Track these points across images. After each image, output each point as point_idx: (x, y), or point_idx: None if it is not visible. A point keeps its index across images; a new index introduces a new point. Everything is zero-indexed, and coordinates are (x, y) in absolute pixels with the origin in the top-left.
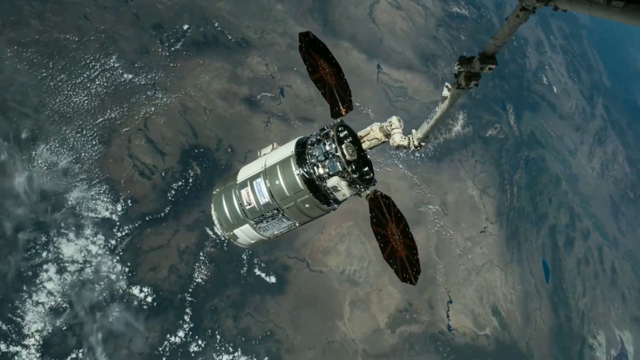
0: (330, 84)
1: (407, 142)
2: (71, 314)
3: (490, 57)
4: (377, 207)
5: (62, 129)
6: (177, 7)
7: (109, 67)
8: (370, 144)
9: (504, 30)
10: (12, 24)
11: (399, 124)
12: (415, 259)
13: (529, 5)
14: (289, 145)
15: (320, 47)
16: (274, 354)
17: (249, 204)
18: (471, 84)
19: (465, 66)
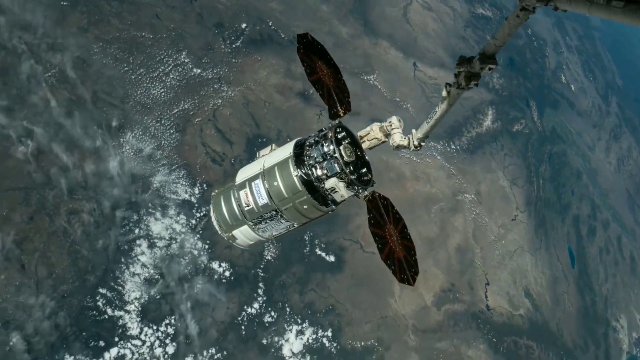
0: (329, 85)
1: (407, 142)
2: (163, 284)
3: (490, 57)
4: (375, 208)
5: (144, 118)
6: (235, 7)
7: (180, 62)
8: (370, 144)
9: (504, 31)
10: (96, 23)
11: (399, 124)
12: (414, 259)
13: (529, 5)
14: (288, 146)
15: (318, 48)
16: (336, 326)
17: (247, 205)
18: (471, 83)
19: (465, 66)
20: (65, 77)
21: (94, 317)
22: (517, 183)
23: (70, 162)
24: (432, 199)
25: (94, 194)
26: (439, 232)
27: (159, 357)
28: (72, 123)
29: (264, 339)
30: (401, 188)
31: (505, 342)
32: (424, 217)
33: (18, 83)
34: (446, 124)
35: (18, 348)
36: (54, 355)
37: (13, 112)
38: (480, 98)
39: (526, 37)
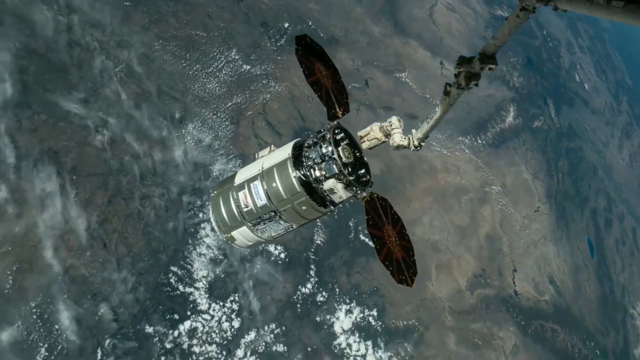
0: (327, 86)
1: (407, 142)
2: (227, 263)
3: (490, 57)
4: (373, 209)
5: (202, 111)
6: (277, 7)
7: (231, 59)
8: (370, 144)
9: (504, 31)
10: (156, 21)
11: (398, 124)
12: (412, 260)
13: (529, 5)
14: (286, 147)
15: (317, 49)
16: (380, 307)
17: (246, 206)
18: (471, 83)
19: (465, 66)
20: (132, 72)
21: (168, 292)
22: (538, 176)
23: (141, 150)
24: (462, 190)
25: (162, 181)
26: (470, 221)
27: (227, 331)
28: (141, 115)
29: (317, 317)
30: (433, 179)
31: (532, 325)
32: (456, 207)
33: (92, 77)
34: (472, 120)
35: (106, 317)
36: (136, 325)
37: (89, 103)
38: (502, 95)
39: (542, 37)
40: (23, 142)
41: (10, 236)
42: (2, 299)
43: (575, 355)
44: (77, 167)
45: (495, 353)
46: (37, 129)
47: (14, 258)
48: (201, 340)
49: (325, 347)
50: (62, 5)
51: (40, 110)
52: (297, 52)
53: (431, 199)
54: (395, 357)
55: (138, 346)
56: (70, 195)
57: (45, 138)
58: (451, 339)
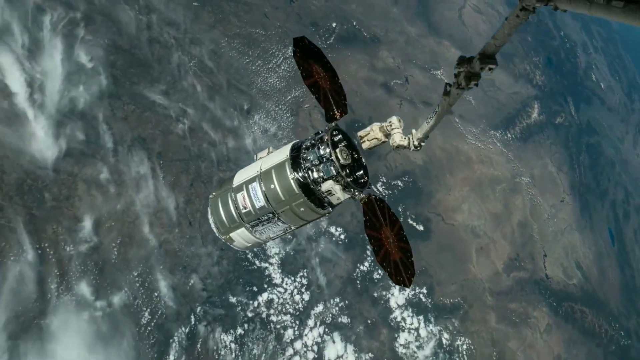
0: (325, 88)
1: (407, 142)
2: (296, 242)
3: (490, 57)
4: (371, 210)
5: (265, 103)
6: (325, 8)
7: (287, 55)
8: (370, 144)
9: (504, 30)
10: (220, 21)
11: (399, 124)
12: (410, 261)
13: (529, 5)
14: (284, 149)
15: (314, 51)
16: (429, 285)
17: (244, 207)
18: (471, 83)
19: (465, 66)
20: (205, 66)
21: (247, 267)
22: (562, 169)
23: (217, 138)
24: (495, 180)
25: (235, 167)
26: (503, 209)
27: (298, 303)
28: (215, 105)
29: (374, 293)
30: (470, 170)
31: (563, 307)
32: (491, 196)
33: (170, 71)
34: (502, 115)
35: (197, 287)
36: (222, 295)
37: (170, 95)
38: (527, 93)
39: (559, 38)
40: (117, 129)
41: (113, 213)
42: (111, 267)
43: (602, 335)
44: (162, 152)
45: (531, 331)
46: (127, 117)
47: (117, 232)
48: (277, 311)
49: (383, 320)
50: (142, 5)
51: (129, 101)
52: (294, 54)
53: (468, 188)
54: (444, 331)
55: (225, 314)
56: (159, 178)
57: (134, 126)
58: (492, 317)
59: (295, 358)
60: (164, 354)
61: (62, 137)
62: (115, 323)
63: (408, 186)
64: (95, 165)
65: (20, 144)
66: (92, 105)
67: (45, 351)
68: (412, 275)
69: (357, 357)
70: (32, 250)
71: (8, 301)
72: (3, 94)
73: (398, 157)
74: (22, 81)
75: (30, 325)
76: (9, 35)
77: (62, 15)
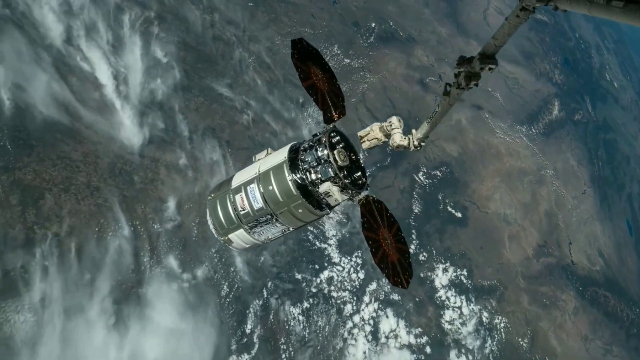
0: (323, 90)
1: (407, 142)
2: (350, 225)
3: (490, 57)
4: (369, 212)
5: None
6: (364, 9)
7: (334, 53)
8: (370, 144)
9: (504, 30)
10: (273, 20)
11: (398, 124)
12: (408, 262)
13: (529, 5)
14: (282, 151)
15: (312, 53)
16: (468, 268)
17: (243, 209)
18: (471, 83)
19: (465, 66)
20: (263, 62)
21: (309, 247)
22: (582, 163)
23: (277, 128)
24: (523, 172)
25: None
26: (531, 200)
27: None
28: (274, 98)
29: (420, 273)
30: (500, 162)
31: (588, 291)
32: (519, 186)
33: (233, 66)
34: (526, 111)
35: (267, 263)
36: (289, 272)
37: (234, 88)
38: (547, 91)
39: (574, 39)
40: (191, 119)
41: (191, 195)
42: (194, 244)
43: (624, 319)
44: (230, 141)
45: (560, 312)
46: (198, 109)
47: (196, 213)
48: (337, 287)
49: (429, 299)
50: (205, 5)
51: (198, 94)
52: (292, 56)
53: (499, 179)
54: (484, 310)
55: (292, 288)
56: (230, 164)
57: (205, 117)
58: (525, 299)
59: (354, 330)
60: (242, 323)
61: (146, 125)
62: (200, 294)
63: (446, 176)
64: (175, 152)
65: (111, 131)
66: (169, 96)
67: (144, 316)
68: (410, 277)
69: (408, 331)
70: (127, 227)
71: (111, 271)
72: (94, 85)
73: (436, 149)
74: (109, 74)
75: (130, 293)
76: (96, 32)
77: (138, 14)
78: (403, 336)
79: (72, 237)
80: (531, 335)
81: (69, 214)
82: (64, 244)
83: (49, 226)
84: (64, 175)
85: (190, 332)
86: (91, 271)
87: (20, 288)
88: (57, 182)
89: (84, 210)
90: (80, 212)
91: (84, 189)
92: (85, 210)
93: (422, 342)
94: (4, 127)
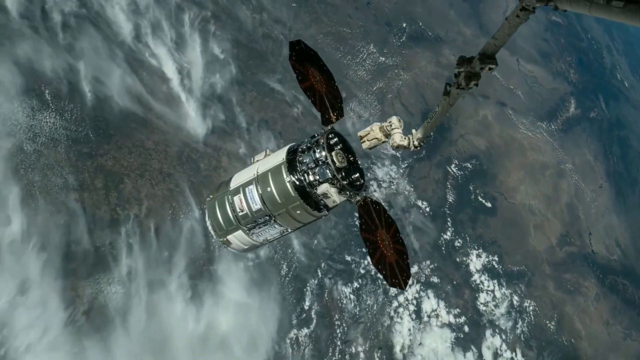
0: (321, 91)
1: (407, 142)
2: (392, 213)
3: (490, 57)
4: (366, 213)
5: (357, 92)
6: (395, 9)
7: (370, 52)
8: (370, 144)
9: (504, 30)
10: (315, 20)
11: (398, 124)
12: (406, 263)
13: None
14: (281, 152)
15: (311, 54)
16: (499, 254)
17: (241, 210)
18: (471, 83)
19: (465, 66)
20: None
21: (356, 232)
22: (598, 159)
23: None
24: (545, 166)
25: None
26: (553, 192)
27: None
28: None
29: (457, 258)
30: (524, 156)
31: (608, 279)
32: (542, 179)
33: (281, 62)
34: (545, 108)
35: (321, 245)
36: (340, 254)
37: (284, 83)
38: (564, 89)
39: (587, 40)
40: (247, 111)
41: None
42: None
43: None
44: (282, 133)
45: (583, 298)
46: (252, 102)
47: None
48: None
49: (465, 282)
50: (255, 5)
51: (252, 88)
52: (290, 58)
53: (523, 172)
54: (514, 294)
55: (343, 269)
56: None
57: (259, 110)
58: (550, 285)
59: (399, 309)
60: (301, 300)
61: (208, 117)
62: (263, 272)
63: (476, 168)
64: (235, 141)
65: (178, 121)
66: (227, 90)
67: (217, 291)
68: (408, 278)
69: (447, 311)
70: (197, 210)
71: (185, 250)
72: (162, 79)
73: (465, 142)
74: (174, 69)
75: (202, 270)
76: (160, 30)
77: (196, 13)
78: (443, 316)
79: (150, 218)
80: (557, 319)
81: (146, 197)
82: (143, 224)
83: (130, 208)
84: (139, 162)
85: (257, 307)
86: (168, 249)
87: (109, 262)
88: (134, 168)
89: (158, 194)
90: (155, 195)
91: (157, 175)
92: (159, 194)
93: (460, 322)
94: (86, 117)
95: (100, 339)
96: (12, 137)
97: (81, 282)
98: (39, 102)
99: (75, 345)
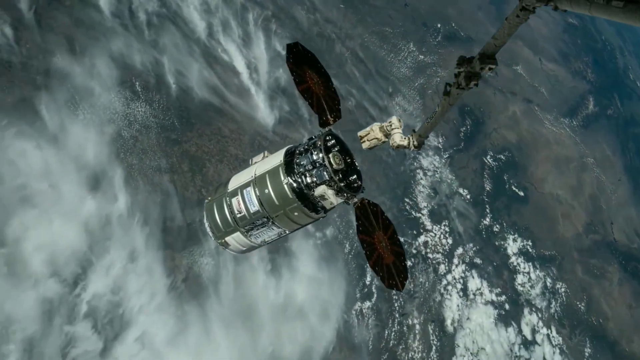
0: (318, 93)
1: (407, 142)
2: (438, 198)
3: (490, 57)
4: (364, 215)
5: (401, 88)
6: (430, 11)
7: (410, 50)
8: (370, 144)
9: (504, 30)
10: (360, 20)
11: (398, 124)
12: (403, 265)
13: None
14: (278, 154)
15: (309, 57)
16: (532, 240)
17: (239, 212)
18: (471, 83)
19: (465, 66)
20: (357, 56)
21: (406, 215)
22: (616, 154)
23: (375, 114)
24: (569, 159)
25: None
26: (577, 183)
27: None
28: (369, 88)
29: (495, 242)
30: (550, 149)
31: (630, 265)
32: (567, 171)
33: (335, 58)
34: (567, 105)
35: None
36: None
37: (338, 78)
38: (583, 88)
39: (601, 42)
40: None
41: None
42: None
43: None
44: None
45: (608, 282)
46: None
47: None
48: (431, 250)
49: (503, 264)
50: (308, 6)
51: None
52: (287, 60)
53: (550, 164)
54: (547, 276)
55: None
56: None
57: None
58: (578, 269)
59: (448, 287)
60: (363, 276)
61: (275, 108)
62: (330, 249)
63: (509, 160)
64: (299, 131)
65: (250, 112)
66: (289, 84)
67: (292, 266)
68: (405, 279)
69: (490, 290)
70: None
71: None
72: (234, 73)
73: (498, 136)
74: (243, 64)
75: (279, 245)
76: (229, 28)
77: (259, 12)
78: (487, 294)
79: None
80: (587, 300)
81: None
82: None
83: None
84: (218, 148)
85: (327, 280)
86: None
87: (200, 237)
88: (214, 153)
89: None
90: None
91: (234, 160)
92: None
93: (501, 300)
94: (171, 107)
95: (198, 304)
96: (113, 124)
97: (178, 254)
98: (131, 93)
99: (178, 309)
